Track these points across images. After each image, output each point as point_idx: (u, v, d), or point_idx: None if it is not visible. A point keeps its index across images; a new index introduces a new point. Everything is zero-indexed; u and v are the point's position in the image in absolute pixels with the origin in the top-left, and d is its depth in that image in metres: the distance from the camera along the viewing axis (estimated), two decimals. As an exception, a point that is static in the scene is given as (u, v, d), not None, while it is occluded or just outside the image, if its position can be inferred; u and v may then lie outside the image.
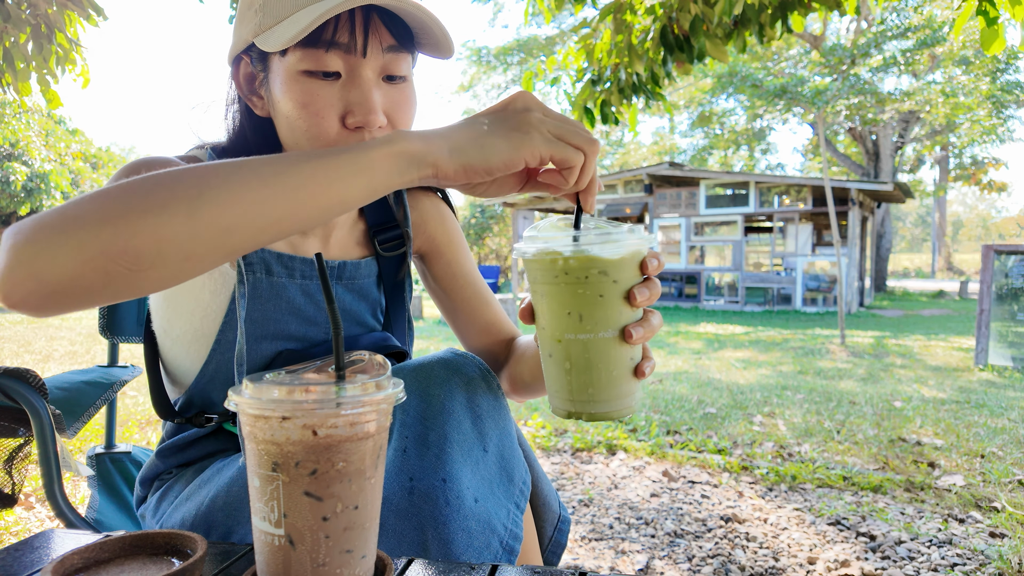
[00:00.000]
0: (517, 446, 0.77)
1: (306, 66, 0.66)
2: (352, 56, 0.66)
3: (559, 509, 0.84)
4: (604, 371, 0.50)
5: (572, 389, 0.52)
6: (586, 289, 0.49)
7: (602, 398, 0.51)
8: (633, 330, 0.51)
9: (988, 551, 1.90)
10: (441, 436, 0.68)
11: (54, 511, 0.80)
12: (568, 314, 0.49)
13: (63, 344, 7.69)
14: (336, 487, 0.43)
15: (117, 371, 1.20)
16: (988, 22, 2.19)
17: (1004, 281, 5.58)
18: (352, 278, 0.87)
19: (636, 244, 0.50)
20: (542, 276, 0.51)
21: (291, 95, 0.67)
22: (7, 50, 2.62)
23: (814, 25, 18.59)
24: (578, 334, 0.50)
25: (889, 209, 20.05)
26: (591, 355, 0.50)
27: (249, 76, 0.75)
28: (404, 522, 0.64)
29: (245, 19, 0.69)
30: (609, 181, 15.73)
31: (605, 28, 3.21)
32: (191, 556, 0.49)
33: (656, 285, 0.52)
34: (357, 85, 0.67)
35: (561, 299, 0.50)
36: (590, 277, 0.48)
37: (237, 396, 0.44)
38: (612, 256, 0.49)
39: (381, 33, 0.67)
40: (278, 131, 0.73)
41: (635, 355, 0.52)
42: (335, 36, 0.65)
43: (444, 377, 0.71)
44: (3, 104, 12.53)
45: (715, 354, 6.76)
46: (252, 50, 0.72)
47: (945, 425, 3.41)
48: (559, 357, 0.51)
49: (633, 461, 2.88)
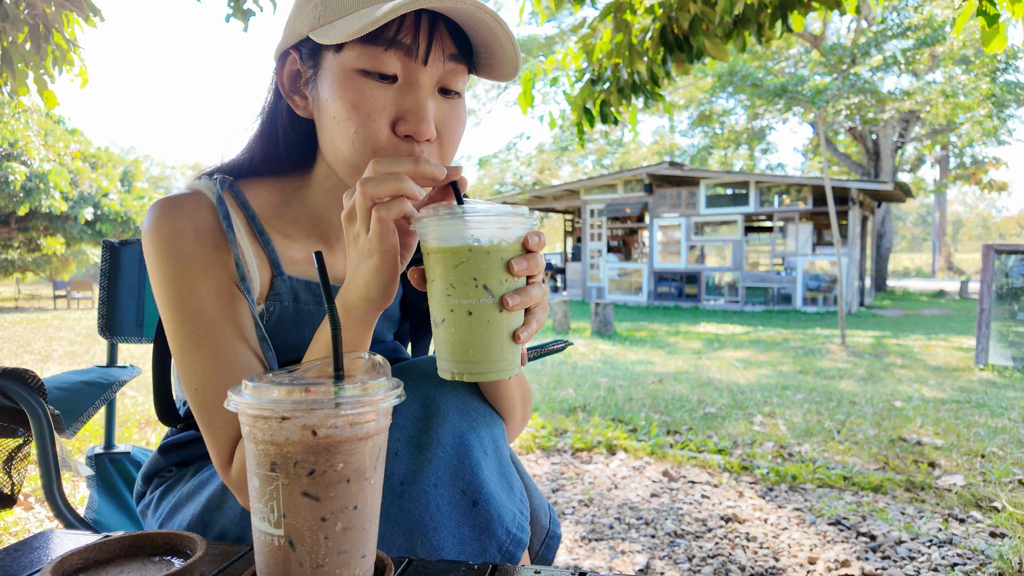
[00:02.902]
0: (511, 452, 0.76)
1: (363, 65, 0.63)
2: (412, 60, 0.64)
3: (549, 524, 0.82)
4: (483, 335, 0.55)
5: (455, 351, 0.56)
6: (469, 260, 0.54)
7: (481, 359, 0.56)
8: (510, 298, 0.54)
9: (988, 551, 1.90)
10: (435, 440, 0.66)
11: (53, 511, 0.80)
12: (451, 283, 0.55)
13: (62, 344, 7.69)
14: (335, 488, 0.43)
15: (116, 371, 1.19)
16: (988, 21, 2.19)
17: (1004, 281, 5.58)
18: None
19: (522, 230, 0.56)
20: (431, 246, 0.56)
21: (343, 94, 0.64)
22: (5, 50, 2.62)
23: (814, 24, 18.59)
24: (460, 300, 0.55)
25: (889, 209, 20.06)
26: (472, 320, 0.55)
27: (294, 74, 0.72)
28: (393, 528, 0.62)
29: (302, 13, 0.66)
30: (609, 181, 15.73)
31: (605, 28, 3.21)
32: (191, 556, 0.48)
33: (535, 257, 0.56)
34: (413, 92, 0.64)
35: (446, 268, 0.55)
36: (473, 250, 0.54)
37: (237, 396, 0.44)
38: (498, 241, 0.55)
39: (445, 41, 0.64)
40: (320, 134, 0.70)
41: (515, 321, 0.57)
42: (398, 36, 0.62)
43: (440, 379, 0.70)
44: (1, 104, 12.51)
45: (715, 354, 6.76)
46: (303, 46, 0.69)
47: (945, 425, 3.41)
48: (445, 322, 0.56)
49: (633, 461, 2.88)
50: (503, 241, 0.55)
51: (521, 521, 0.69)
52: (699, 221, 14.66)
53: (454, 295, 0.55)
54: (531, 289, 0.57)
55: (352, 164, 0.67)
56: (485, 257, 0.54)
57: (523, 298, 0.56)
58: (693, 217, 14.57)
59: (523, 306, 0.56)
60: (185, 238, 0.68)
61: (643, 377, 5.09)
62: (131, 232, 18.55)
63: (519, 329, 0.57)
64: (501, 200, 17.07)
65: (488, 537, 0.65)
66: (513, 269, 0.55)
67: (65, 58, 2.76)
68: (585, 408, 3.88)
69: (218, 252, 0.70)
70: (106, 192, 18.10)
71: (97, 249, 21.87)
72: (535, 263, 0.56)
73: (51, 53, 2.71)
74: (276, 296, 0.75)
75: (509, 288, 0.56)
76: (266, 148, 0.76)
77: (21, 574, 0.51)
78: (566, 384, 4.68)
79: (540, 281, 0.59)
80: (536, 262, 0.56)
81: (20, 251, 19.83)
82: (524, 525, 0.69)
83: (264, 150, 0.77)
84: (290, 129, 0.75)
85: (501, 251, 0.55)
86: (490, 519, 0.65)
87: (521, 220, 0.55)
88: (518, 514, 0.69)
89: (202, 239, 0.69)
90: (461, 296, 0.55)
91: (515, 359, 0.58)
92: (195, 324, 0.67)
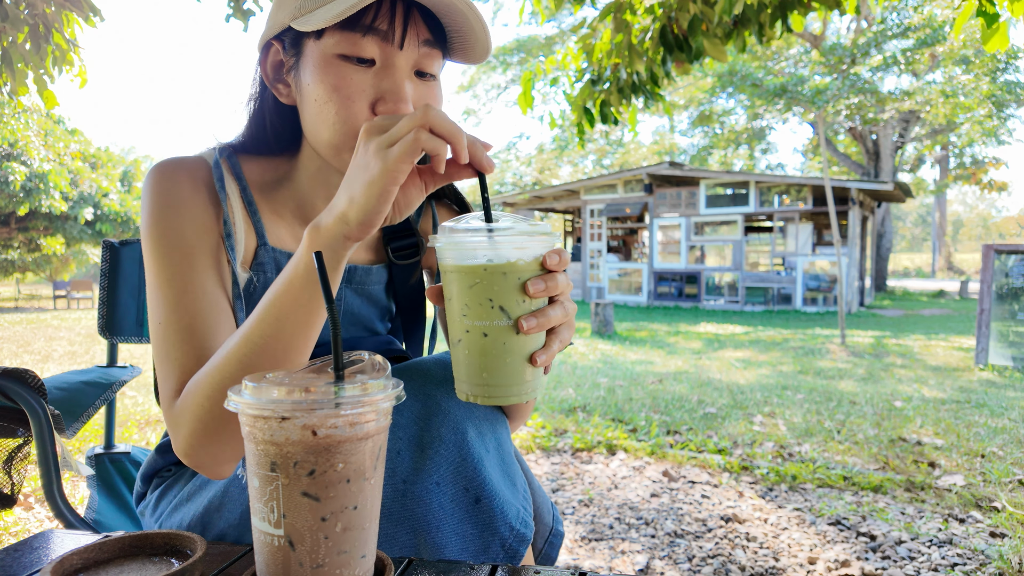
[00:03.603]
0: (514, 449, 0.76)
1: (342, 50, 0.67)
2: (388, 45, 0.67)
3: (552, 522, 0.82)
4: (499, 358, 0.53)
5: (470, 373, 0.55)
6: (484, 280, 0.52)
7: (496, 382, 0.54)
8: (525, 320, 0.53)
9: (988, 551, 1.90)
10: (436, 438, 0.66)
11: (53, 511, 0.80)
12: (466, 303, 0.53)
13: (62, 344, 7.68)
14: (335, 488, 0.43)
15: (116, 371, 1.19)
16: (988, 21, 2.19)
17: (1004, 281, 5.58)
18: (362, 283, 0.87)
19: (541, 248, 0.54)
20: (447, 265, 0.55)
21: (324, 78, 0.67)
22: (5, 50, 2.62)
23: (814, 24, 18.58)
24: (475, 321, 0.53)
25: (889, 208, 20.05)
26: (487, 343, 0.53)
27: (277, 64, 0.75)
28: (396, 526, 0.62)
29: (284, 4, 0.70)
30: (609, 181, 15.72)
31: (605, 28, 3.21)
32: (190, 556, 0.48)
33: (554, 278, 0.54)
34: (390, 74, 0.68)
35: (461, 288, 0.54)
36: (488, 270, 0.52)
37: (237, 396, 0.44)
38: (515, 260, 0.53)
39: (419, 27, 0.68)
40: (302, 119, 0.73)
41: (532, 344, 0.55)
42: (374, 22, 0.66)
43: (442, 378, 0.71)
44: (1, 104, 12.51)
45: (715, 354, 6.76)
46: (285, 36, 0.72)
47: (945, 425, 3.41)
48: (461, 342, 0.55)
49: (633, 461, 2.88)
50: (520, 260, 0.52)
51: (525, 517, 0.69)
52: (699, 221, 14.66)
53: (469, 315, 0.53)
54: (550, 310, 0.55)
55: (334, 145, 0.69)
56: (500, 278, 0.52)
57: (540, 320, 0.54)
58: (693, 217, 14.57)
59: (540, 329, 0.54)
60: (181, 187, 0.72)
61: (643, 377, 5.09)
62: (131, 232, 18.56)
63: (537, 352, 0.55)
64: (501, 200, 17.07)
65: (491, 534, 0.65)
66: (529, 290, 0.53)
67: (65, 58, 2.76)
68: (585, 408, 3.88)
69: (210, 205, 0.73)
70: (106, 192, 18.10)
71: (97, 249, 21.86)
72: (554, 284, 0.54)
73: (51, 53, 2.71)
74: (259, 266, 0.77)
75: (527, 309, 0.53)
76: (255, 134, 0.80)
77: (21, 574, 0.51)
78: (566, 384, 4.68)
79: (563, 301, 0.57)
80: (556, 282, 0.54)
81: (20, 251, 19.83)
82: (528, 521, 0.69)
83: (254, 136, 0.80)
84: (276, 116, 0.78)
85: (518, 271, 0.52)
86: (493, 516, 0.66)
87: (540, 239, 0.53)
88: (521, 510, 0.69)
89: (197, 190, 0.73)
90: (476, 317, 0.53)
91: (534, 382, 0.56)
92: (172, 260, 0.68)
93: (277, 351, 0.59)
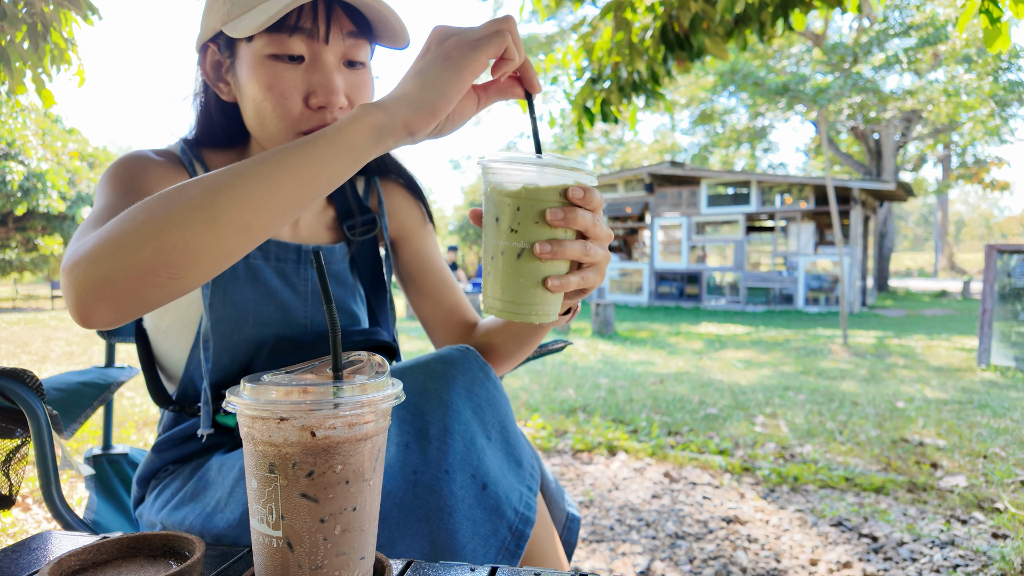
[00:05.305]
0: (521, 433, 0.78)
1: (272, 50, 0.70)
2: (315, 41, 0.71)
3: (567, 507, 0.85)
4: (513, 277, 0.57)
5: (490, 288, 0.59)
6: (511, 203, 0.56)
7: (509, 298, 0.58)
8: (540, 245, 0.55)
9: (991, 552, 1.89)
10: (442, 429, 0.69)
11: (51, 512, 0.80)
12: (495, 223, 0.57)
13: (60, 345, 7.69)
14: (334, 489, 0.43)
15: (114, 372, 1.19)
16: (991, 20, 2.18)
17: (1007, 281, 5.57)
18: (327, 262, 0.91)
19: (568, 180, 0.56)
20: (486, 188, 0.59)
21: (257, 78, 0.71)
22: (3, 49, 2.61)
23: (816, 23, 18.56)
24: (498, 240, 0.57)
25: (891, 208, 20.04)
26: (504, 261, 0.57)
27: (216, 64, 0.78)
28: (409, 516, 0.64)
29: (213, 8, 0.73)
30: (610, 180, 15.71)
31: (605, 26, 3.20)
32: (189, 558, 0.48)
33: (575, 211, 0.56)
34: (319, 68, 0.72)
35: (490, 209, 0.58)
36: (512, 195, 0.56)
37: (235, 397, 0.43)
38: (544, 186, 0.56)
39: (342, 21, 0.72)
40: (243, 115, 0.77)
41: (550, 269, 0.58)
42: (299, 22, 0.70)
43: (441, 371, 0.73)
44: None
45: (716, 354, 6.75)
46: (219, 38, 0.75)
47: (947, 426, 3.40)
48: (493, 259, 0.59)
49: (634, 462, 2.87)
50: (538, 188, 0.55)
51: (528, 499, 0.71)
52: (700, 221, 14.65)
53: (497, 235, 0.57)
54: (568, 243, 0.56)
55: (276, 140, 0.74)
56: (524, 203, 0.56)
57: (556, 249, 0.56)
58: (694, 217, 14.56)
59: (555, 257, 0.56)
60: (149, 158, 0.78)
61: (644, 378, 5.09)
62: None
63: (551, 277, 0.57)
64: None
65: (499, 518, 0.68)
66: (547, 217, 0.55)
67: (63, 57, 2.75)
68: (586, 409, 3.88)
69: (177, 176, 0.79)
70: (106, 192, 18.09)
71: (98, 249, 21.80)
72: (574, 216, 0.56)
73: (49, 52, 2.70)
74: None
75: (546, 237, 0.56)
76: (205, 129, 0.84)
77: (19, 575, 0.51)
78: (567, 385, 4.68)
79: (590, 242, 0.58)
80: (575, 215, 0.56)
81: (18, 251, 19.84)
82: (531, 503, 0.71)
83: (205, 131, 0.85)
84: (220, 114, 0.83)
85: (537, 199, 0.55)
86: (499, 501, 0.68)
87: (564, 172, 0.55)
88: (525, 491, 0.72)
89: (165, 165, 0.79)
90: (498, 237, 0.57)
91: (547, 307, 0.59)
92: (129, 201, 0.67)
93: (254, 191, 0.52)
